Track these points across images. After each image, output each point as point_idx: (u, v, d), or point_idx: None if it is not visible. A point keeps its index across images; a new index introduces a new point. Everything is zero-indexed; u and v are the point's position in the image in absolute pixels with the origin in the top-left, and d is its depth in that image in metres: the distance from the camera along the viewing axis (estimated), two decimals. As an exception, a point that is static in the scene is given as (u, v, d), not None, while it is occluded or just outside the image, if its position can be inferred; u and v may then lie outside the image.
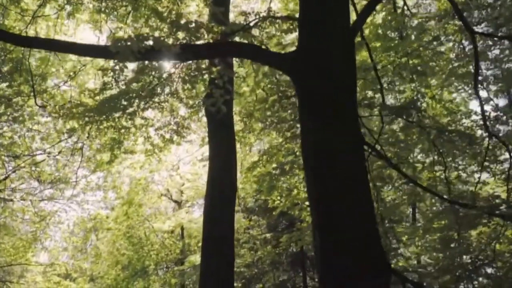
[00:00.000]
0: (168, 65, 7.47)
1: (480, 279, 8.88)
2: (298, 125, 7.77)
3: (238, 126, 8.87)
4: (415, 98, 7.77)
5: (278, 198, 9.49)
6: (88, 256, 18.41)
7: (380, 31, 7.78)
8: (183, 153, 13.81)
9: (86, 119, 7.15)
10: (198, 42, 5.28)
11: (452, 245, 8.54)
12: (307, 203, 9.70)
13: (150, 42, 4.60)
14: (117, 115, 7.13)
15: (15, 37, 5.92)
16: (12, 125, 10.23)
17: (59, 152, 12.27)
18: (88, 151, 10.90)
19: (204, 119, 9.50)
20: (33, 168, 13.23)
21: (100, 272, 22.21)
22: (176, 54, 4.66)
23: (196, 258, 12.91)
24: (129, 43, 4.46)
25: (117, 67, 6.89)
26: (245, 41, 5.25)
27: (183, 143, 10.23)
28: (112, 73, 6.95)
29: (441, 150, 6.66)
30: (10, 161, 12.89)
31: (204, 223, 7.22)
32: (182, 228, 27.03)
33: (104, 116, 7.26)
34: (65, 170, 11.58)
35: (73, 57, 11.06)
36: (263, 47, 5.17)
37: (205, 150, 14.21)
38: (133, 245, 22.30)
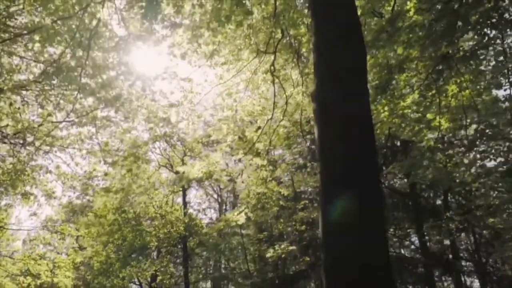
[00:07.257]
0: None
1: None
2: None
3: None
4: None
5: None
6: (82, 225, 15.07)
7: None
8: (215, 80, 10.47)
9: None
10: None
11: None
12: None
13: None
14: None
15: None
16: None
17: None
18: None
19: None
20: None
21: (87, 253, 19.23)
22: None
23: (233, 217, 9.64)
24: None
25: None
26: None
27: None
28: None
29: None
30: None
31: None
32: (185, 204, 23.78)
33: None
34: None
35: None
36: None
37: (240, 80, 11.00)
38: (130, 217, 19.22)
